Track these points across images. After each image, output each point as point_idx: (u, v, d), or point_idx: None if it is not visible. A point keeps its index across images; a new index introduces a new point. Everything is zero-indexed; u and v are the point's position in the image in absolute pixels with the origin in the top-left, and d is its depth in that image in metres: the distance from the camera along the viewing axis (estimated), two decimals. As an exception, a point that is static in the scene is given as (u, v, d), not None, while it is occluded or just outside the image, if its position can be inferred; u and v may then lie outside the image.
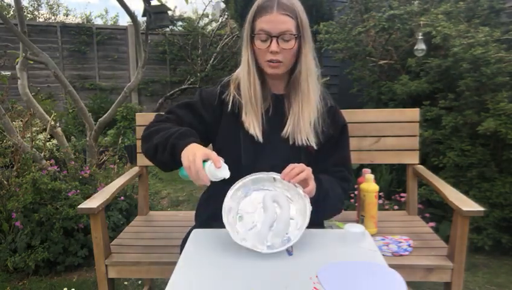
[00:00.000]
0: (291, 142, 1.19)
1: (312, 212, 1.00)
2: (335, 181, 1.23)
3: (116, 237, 1.65)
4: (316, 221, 1.10)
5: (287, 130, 1.19)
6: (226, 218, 1.00)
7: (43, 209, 2.20)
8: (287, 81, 1.22)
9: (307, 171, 1.04)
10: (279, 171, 1.06)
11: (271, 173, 1.06)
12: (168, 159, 1.04)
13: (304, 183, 1.04)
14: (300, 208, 1.03)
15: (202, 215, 1.31)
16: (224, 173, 0.97)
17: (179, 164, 1.01)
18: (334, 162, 1.26)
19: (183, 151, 0.99)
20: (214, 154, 0.97)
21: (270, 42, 1.12)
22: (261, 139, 1.17)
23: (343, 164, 1.28)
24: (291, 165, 1.04)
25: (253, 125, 1.17)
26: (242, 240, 0.97)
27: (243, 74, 1.19)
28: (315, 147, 1.20)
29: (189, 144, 1.00)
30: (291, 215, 1.02)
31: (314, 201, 1.04)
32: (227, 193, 1.04)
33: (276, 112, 1.21)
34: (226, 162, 1.00)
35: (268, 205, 1.01)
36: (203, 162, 0.95)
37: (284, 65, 1.16)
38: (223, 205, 1.02)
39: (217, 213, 1.03)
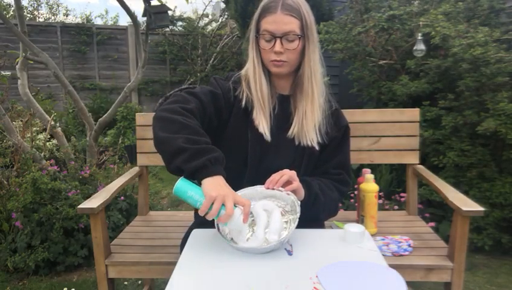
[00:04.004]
0: (296, 143, 1.20)
1: (304, 213, 1.01)
2: (330, 184, 1.23)
3: (116, 237, 1.65)
4: (310, 220, 1.11)
5: (293, 130, 1.20)
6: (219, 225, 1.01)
7: (43, 209, 2.20)
8: (292, 81, 1.23)
9: (288, 174, 1.07)
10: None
11: (256, 186, 1.08)
12: (189, 170, 0.95)
13: (288, 184, 1.07)
14: (291, 209, 1.06)
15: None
16: (245, 227, 0.96)
17: (190, 178, 0.97)
18: (334, 165, 1.27)
19: (212, 179, 0.94)
20: (248, 206, 0.94)
21: (274, 42, 1.12)
22: (269, 138, 1.18)
23: (342, 167, 1.28)
24: (273, 175, 1.07)
25: (262, 123, 1.17)
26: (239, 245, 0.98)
27: (250, 73, 1.20)
28: (317, 148, 1.20)
29: (219, 174, 0.96)
30: (284, 220, 1.03)
31: (304, 204, 1.05)
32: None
33: (282, 112, 1.22)
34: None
35: (260, 213, 1.02)
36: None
37: (288, 64, 1.16)
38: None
39: None
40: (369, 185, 1.55)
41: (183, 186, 0.95)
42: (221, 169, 0.97)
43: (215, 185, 0.93)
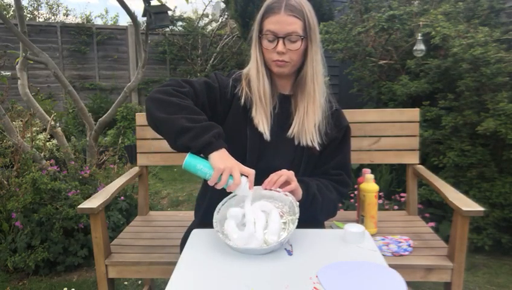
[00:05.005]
0: (296, 143, 1.20)
1: (302, 214, 1.01)
2: (329, 185, 1.23)
3: (116, 237, 1.65)
4: (309, 221, 1.11)
5: (293, 130, 1.20)
6: (218, 227, 1.01)
7: (43, 209, 2.20)
8: (294, 81, 1.23)
9: (286, 174, 1.07)
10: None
11: (254, 186, 1.08)
12: (196, 147, 1.01)
13: (286, 185, 1.07)
14: (289, 210, 1.06)
15: (201, 208, 1.31)
16: (249, 193, 1.03)
17: (196, 153, 1.03)
18: (334, 165, 1.27)
19: (218, 153, 1.01)
20: (252, 174, 1.01)
21: (277, 43, 1.12)
22: (268, 137, 1.18)
23: (342, 167, 1.28)
24: (271, 175, 1.07)
25: (262, 122, 1.18)
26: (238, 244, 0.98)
27: (252, 72, 1.20)
28: (318, 148, 1.20)
29: (223, 148, 1.02)
30: (283, 221, 1.04)
31: (301, 205, 1.05)
32: (216, 208, 1.06)
33: (282, 111, 1.22)
34: None
35: (258, 214, 1.02)
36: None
37: (290, 64, 1.16)
38: (213, 219, 1.03)
39: (214, 204, 1.06)
40: (369, 185, 1.55)
41: (191, 161, 1.03)
42: (223, 142, 1.04)
43: (222, 158, 1.00)
